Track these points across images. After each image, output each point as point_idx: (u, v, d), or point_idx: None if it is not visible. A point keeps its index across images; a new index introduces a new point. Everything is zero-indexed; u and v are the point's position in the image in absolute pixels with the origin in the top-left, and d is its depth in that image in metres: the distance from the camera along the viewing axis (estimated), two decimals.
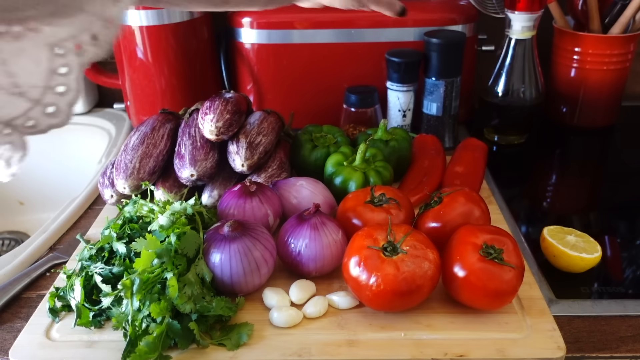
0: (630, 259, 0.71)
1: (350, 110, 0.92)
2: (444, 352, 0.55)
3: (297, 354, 0.55)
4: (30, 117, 0.38)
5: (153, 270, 0.56)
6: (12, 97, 0.37)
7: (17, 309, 0.65)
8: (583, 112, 1.03)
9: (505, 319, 0.58)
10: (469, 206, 0.65)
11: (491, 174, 0.90)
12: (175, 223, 0.62)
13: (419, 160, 0.85)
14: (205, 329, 0.57)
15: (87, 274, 0.60)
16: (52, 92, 0.38)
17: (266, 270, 0.62)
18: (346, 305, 0.60)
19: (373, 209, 0.66)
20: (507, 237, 0.59)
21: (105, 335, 0.58)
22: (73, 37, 0.38)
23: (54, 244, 0.76)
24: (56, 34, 0.37)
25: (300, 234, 0.63)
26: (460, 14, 0.96)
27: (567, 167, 0.99)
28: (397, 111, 0.94)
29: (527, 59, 0.95)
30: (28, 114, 0.38)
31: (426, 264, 0.56)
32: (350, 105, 0.92)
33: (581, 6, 1.00)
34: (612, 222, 0.81)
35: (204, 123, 0.73)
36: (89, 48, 0.39)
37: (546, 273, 0.68)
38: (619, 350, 0.57)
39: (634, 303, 0.63)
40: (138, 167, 0.74)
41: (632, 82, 1.16)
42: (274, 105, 0.97)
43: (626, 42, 0.97)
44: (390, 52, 0.91)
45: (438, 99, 0.92)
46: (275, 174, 0.78)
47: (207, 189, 0.77)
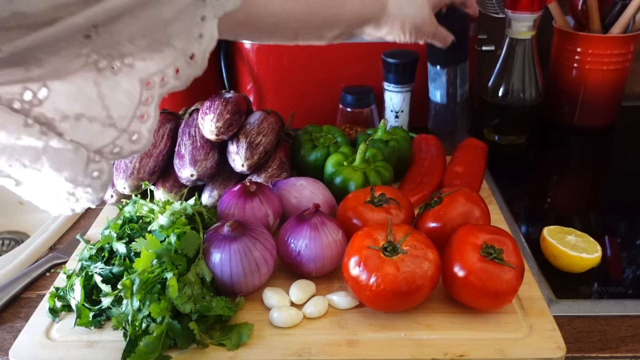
0: (630, 259, 0.71)
1: (346, 110, 0.92)
2: (444, 352, 0.55)
3: (297, 354, 0.55)
4: (117, 144, 0.41)
5: (153, 270, 0.56)
6: (105, 128, 0.40)
7: (17, 309, 0.65)
8: (583, 112, 1.03)
9: (505, 319, 0.58)
10: (469, 206, 0.65)
11: (491, 174, 0.90)
12: (175, 223, 0.62)
13: (419, 160, 0.85)
14: (205, 329, 0.57)
15: (87, 274, 0.60)
16: (137, 120, 0.41)
17: (266, 270, 0.62)
18: (346, 305, 0.60)
19: (373, 209, 0.66)
20: (507, 237, 0.59)
21: (105, 335, 0.58)
22: (161, 71, 0.41)
23: (54, 244, 0.76)
24: (147, 69, 0.41)
25: (300, 234, 0.63)
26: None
27: (567, 167, 0.99)
28: (390, 112, 0.94)
29: (527, 59, 0.95)
30: (115, 142, 0.41)
31: (426, 264, 0.56)
32: (346, 106, 0.92)
33: (581, 6, 1.00)
34: (612, 222, 0.81)
35: (204, 123, 0.73)
36: (171, 81, 0.42)
37: (546, 273, 0.68)
38: (619, 350, 0.57)
39: (634, 303, 0.63)
40: (138, 167, 0.74)
41: (632, 82, 1.16)
42: (274, 105, 0.97)
43: (626, 42, 0.97)
44: (386, 53, 0.91)
45: (441, 87, 0.90)
46: (275, 174, 0.78)
47: (207, 189, 0.77)
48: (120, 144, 0.41)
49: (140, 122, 0.41)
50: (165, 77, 0.42)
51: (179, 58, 0.42)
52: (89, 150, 0.40)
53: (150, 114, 0.42)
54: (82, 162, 0.39)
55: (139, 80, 0.40)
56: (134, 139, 0.41)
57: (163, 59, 0.41)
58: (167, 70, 0.42)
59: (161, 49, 0.41)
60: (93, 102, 0.39)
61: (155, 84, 0.41)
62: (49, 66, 0.36)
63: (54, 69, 0.36)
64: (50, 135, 0.38)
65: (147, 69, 0.41)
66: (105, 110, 0.39)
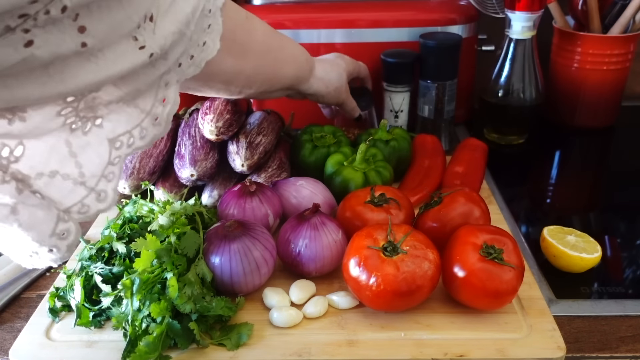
0: (630, 259, 0.71)
1: (342, 116, 0.92)
2: (444, 352, 0.55)
3: (297, 354, 0.55)
4: (85, 203, 0.42)
5: (153, 270, 0.56)
6: (76, 186, 0.41)
7: (17, 309, 0.65)
8: (583, 112, 1.03)
9: (505, 319, 0.58)
10: (469, 206, 0.65)
11: (491, 174, 0.90)
12: (175, 223, 0.62)
13: (419, 160, 0.85)
14: (205, 329, 0.57)
15: (87, 274, 0.60)
16: (105, 180, 0.42)
17: (266, 270, 0.62)
18: (346, 305, 0.60)
19: (373, 209, 0.66)
20: (507, 237, 0.59)
21: (105, 335, 0.58)
22: (128, 132, 0.43)
23: None
24: (115, 130, 0.42)
25: (300, 234, 0.63)
26: (460, 14, 0.96)
27: (567, 167, 0.99)
28: (390, 111, 0.94)
29: (527, 59, 0.95)
30: (84, 200, 0.42)
31: (426, 264, 0.56)
32: None
33: (581, 6, 1.00)
34: (612, 222, 0.81)
35: (204, 123, 0.73)
36: (137, 142, 0.44)
37: (546, 273, 0.68)
38: (619, 350, 0.57)
39: (634, 303, 0.63)
40: (138, 167, 0.74)
41: (632, 82, 1.16)
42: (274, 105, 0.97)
43: (626, 42, 0.97)
44: (385, 53, 0.91)
45: (430, 102, 0.92)
46: (275, 174, 0.78)
47: (207, 189, 0.77)
48: (88, 202, 0.42)
49: (107, 181, 0.42)
50: (132, 138, 0.43)
51: (145, 120, 0.44)
52: (58, 208, 0.40)
53: (115, 173, 0.43)
54: (52, 221, 0.40)
55: (108, 140, 0.42)
56: (100, 198, 0.42)
57: (130, 121, 0.43)
58: (134, 131, 0.43)
59: (129, 112, 0.43)
60: (66, 159, 0.40)
61: (123, 144, 0.43)
62: (31, 123, 0.37)
63: (35, 127, 0.37)
64: (26, 193, 0.38)
65: (115, 130, 0.42)
66: (78, 168, 0.40)
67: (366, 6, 0.96)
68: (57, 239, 0.41)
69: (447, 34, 0.93)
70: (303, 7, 0.97)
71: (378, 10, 0.95)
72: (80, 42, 0.34)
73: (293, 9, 0.96)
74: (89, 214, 0.42)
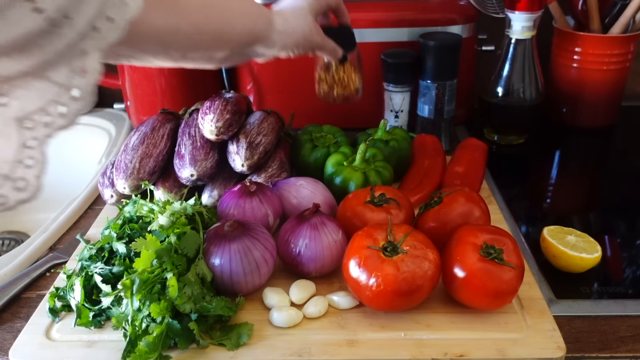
0: (630, 259, 0.71)
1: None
2: (444, 352, 0.55)
3: (297, 354, 0.55)
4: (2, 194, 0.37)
5: (153, 270, 0.56)
6: None
7: (17, 309, 0.65)
8: (583, 112, 1.03)
9: (505, 319, 0.58)
10: (469, 206, 0.65)
11: (491, 174, 0.90)
12: (175, 223, 0.62)
13: (419, 160, 0.85)
14: (205, 329, 0.57)
15: (87, 274, 0.60)
16: (22, 165, 0.37)
17: (266, 270, 0.62)
18: (346, 305, 0.60)
19: (373, 209, 0.66)
20: (507, 237, 0.59)
21: (105, 335, 0.58)
22: (41, 109, 0.38)
23: (54, 244, 0.76)
24: (25, 107, 0.37)
25: (300, 234, 0.63)
26: (460, 14, 0.96)
27: (567, 167, 0.99)
28: (390, 111, 0.94)
29: (527, 59, 0.95)
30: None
31: (426, 264, 0.56)
32: None
33: (581, 6, 1.00)
34: (612, 222, 0.81)
35: (204, 123, 0.73)
36: (57, 120, 0.39)
37: (546, 273, 0.68)
38: (619, 350, 0.57)
39: (634, 303, 0.63)
40: (138, 167, 0.74)
41: (632, 82, 1.16)
42: (274, 105, 0.97)
43: (626, 42, 0.97)
44: (385, 53, 0.91)
45: (430, 102, 0.92)
46: (275, 174, 0.78)
47: (207, 189, 0.77)
48: (4, 192, 0.37)
49: (26, 168, 0.38)
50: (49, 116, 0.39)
51: (61, 95, 0.39)
52: None
53: (37, 157, 0.38)
54: None
55: (16, 120, 0.37)
56: (19, 186, 0.38)
57: (42, 96, 0.38)
58: (50, 108, 0.39)
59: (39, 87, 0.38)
60: None
61: (38, 123, 0.38)
62: None
63: None
64: None
65: (24, 108, 0.37)
66: None
67: (366, 6, 0.96)
68: None
69: (447, 34, 0.93)
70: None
71: (378, 10, 0.95)
72: None
73: None
74: (9, 204, 0.38)
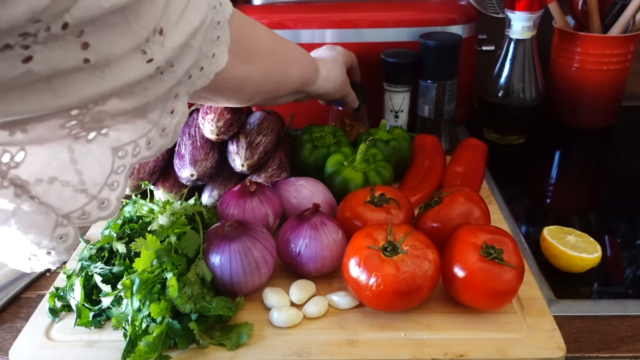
0: (630, 259, 0.71)
1: (336, 108, 0.92)
2: (444, 352, 0.55)
3: (297, 354, 0.55)
4: (86, 210, 0.42)
5: (153, 270, 0.56)
6: (77, 193, 0.40)
7: (17, 309, 0.65)
8: (583, 112, 1.03)
9: (505, 319, 0.58)
10: (469, 206, 0.65)
11: (491, 174, 0.90)
12: (175, 223, 0.62)
13: (419, 160, 0.85)
14: (205, 329, 0.57)
15: (87, 274, 0.60)
16: (108, 188, 0.42)
17: (266, 270, 0.62)
18: (346, 305, 0.60)
19: (373, 209, 0.66)
20: (507, 237, 0.59)
21: (105, 335, 0.58)
22: (134, 142, 0.43)
23: None
24: (120, 139, 0.42)
25: (300, 234, 0.63)
26: (460, 14, 0.96)
27: (567, 167, 0.99)
28: (390, 111, 0.94)
29: (527, 59, 0.95)
30: (85, 207, 0.41)
31: (426, 264, 0.56)
32: (336, 104, 0.91)
33: (581, 6, 1.00)
34: (612, 222, 0.81)
35: (204, 123, 0.73)
36: (143, 152, 0.44)
37: (546, 273, 0.68)
38: (619, 350, 0.57)
39: (634, 303, 0.63)
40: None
41: (632, 82, 1.16)
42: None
43: (626, 42, 0.97)
44: (385, 53, 0.91)
45: (430, 102, 0.92)
46: (275, 174, 0.78)
47: (207, 189, 0.77)
48: (89, 210, 0.42)
49: (111, 190, 0.42)
50: (138, 148, 0.43)
51: (152, 130, 0.44)
52: (57, 214, 0.40)
53: (120, 182, 0.43)
54: (50, 226, 0.40)
55: (112, 149, 0.41)
56: (103, 206, 0.42)
57: (136, 131, 0.42)
58: (140, 141, 0.43)
59: (136, 122, 0.42)
60: (66, 166, 0.39)
61: (127, 153, 0.42)
62: (34, 134, 0.37)
63: (37, 137, 0.37)
64: (24, 198, 0.38)
65: (120, 139, 0.42)
66: (78, 175, 0.40)
67: (366, 6, 0.96)
68: (55, 242, 0.41)
69: (447, 34, 0.93)
70: (303, 7, 0.97)
71: (378, 10, 0.95)
72: (83, 59, 0.34)
73: (293, 9, 0.96)
74: (90, 220, 0.42)
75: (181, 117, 0.46)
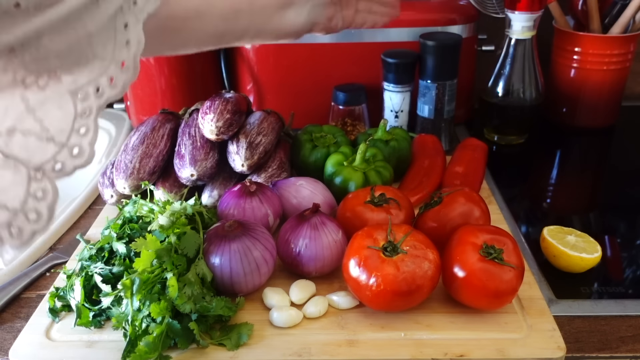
0: (630, 259, 0.71)
1: (338, 107, 0.93)
2: (444, 352, 0.55)
3: (297, 354, 0.55)
4: (58, 160, 0.40)
5: (153, 270, 0.56)
6: (43, 142, 0.39)
7: (17, 309, 0.65)
8: (583, 112, 1.03)
9: (505, 319, 0.58)
10: (469, 206, 0.65)
11: (491, 174, 0.90)
12: (175, 223, 0.62)
13: (419, 160, 0.85)
14: (205, 329, 0.57)
15: (87, 274, 0.60)
16: (77, 134, 0.41)
17: (266, 270, 0.62)
18: (346, 305, 0.60)
19: (373, 209, 0.66)
20: (507, 237, 0.59)
21: (105, 335, 0.58)
22: (92, 81, 0.41)
23: (54, 244, 0.76)
24: (76, 81, 0.40)
25: (300, 234, 0.63)
26: (459, 14, 0.96)
27: (567, 167, 0.99)
28: (390, 111, 0.94)
29: (527, 59, 0.95)
30: (56, 157, 0.40)
31: (426, 264, 0.56)
32: (338, 103, 0.92)
33: (581, 6, 1.00)
34: (612, 222, 0.81)
35: (204, 123, 0.73)
36: (107, 90, 0.42)
37: (546, 273, 0.68)
38: (619, 350, 0.57)
39: (634, 303, 0.63)
40: (138, 167, 0.74)
41: (632, 82, 1.16)
42: (274, 105, 0.97)
43: (626, 42, 0.97)
44: (385, 53, 0.91)
45: (430, 102, 0.92)
46: (275, 174, 0.78)
47: (207, 189, 0.77)
48: (62, 159, 0.40)
49: (80, 136, 0.41)
50: (99, 87, 0.42)
51: (109, 67, 0.42)
52: (28, 167, 0.39)
53: (90, 126, 0.41)
54: (23, 182, 0.38)
55: (69, 92, 0.40)
56: (75, 153, 0.41)
57: (92, 70, 0.41)
58: (100, 80, 0.42)
59: (88, 61, 0.41)
60: (23, 115, 0.38)
61: (89, 94, 0.41)
62: None
63: None
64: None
65: (76, 82, 0.40)
66: (38, 123, 0.39)
67: None
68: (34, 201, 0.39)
69: (447, 34, 0.93)
70: None
71: None
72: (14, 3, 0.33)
73: None
74: (66, 170, 0.40)
75: (138, 47, 0.45)
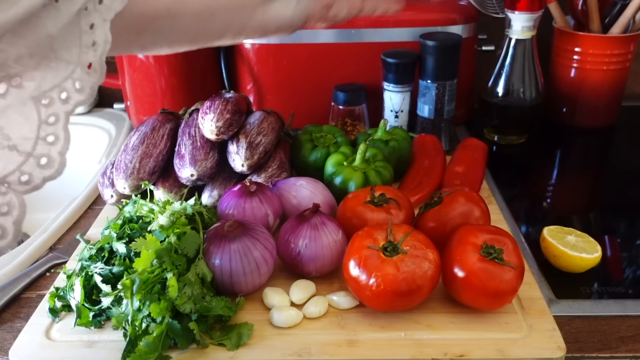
0: (630, 259, 0.71)
1: (338, 107, 0.93)
2: (444, 352, 0.55)
3: (297, 354, 0.55)
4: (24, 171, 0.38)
5: (153, 270, 0.56)
6: (5, 151, 0.37)
7: (17, 309, 0.65)
8: (583, 112, 1.03)
9: (505, 319, 0.58)
10: (469, 206, 0.65)
11: (491, 174, 0.90)
12: (175, 223, 0.62)
13: (419, 160, 0.85)
14: (205, 329, 0.57)
15: (87, 274, 0.60)
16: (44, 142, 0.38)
17: (266, 270, 0.62)
18: (346, 305, 0.60)
19: (373, 209, 0.66)
20: (507, 237, 0.59)
21: (105, 335, 0.58)
22: (57, 86, 0.39)
23: (54, 244, 0.76)
24: (40, 87, 0.38)
25: (300, 234, 0.63)
26: (460, 14, 0.96)
27: (567, 167, 0.99)
28: (390, 111, 0.94)
29: (527, 59, 0.95)
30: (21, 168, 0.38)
31: (426, 264, 0.56)
32: (338, 103, 0.92)
33: (581, 6, 1.00)
34: (612, 222, 0.81)
35: (204, 123, 0.73)
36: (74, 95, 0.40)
37: (546, 273, 0.68)
38: (619, 350, 0.57)
39: (634, 303, 0.63)
40: (138, 167, 0.74)
41: (632, 82, 1.16)
42: (274, 105, 0.97)
43: (626, 42, 0.97)
44: (385, 53, 0.91)
45: (430, 102, 0.92)
46: (275, 174, 0.78)
47: (207, 189, 0.77)
48: (28, 170, 0.38)
49: (48, 145, 0.38)
50: (66, 92, 0.39)
51: (75, 70, 0.40)
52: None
53: (58, 134, 0.39)
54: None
55: (32, 99, 0.38)
56: (43, 164, 0.38)
57: (57, 75, 0.39)
58: (65, 84, 0.40)
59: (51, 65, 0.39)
60: None
61: (54, 100, 0.39)
62: None
63: None
64: None
65: (40, 87, 0.38)
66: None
67: None
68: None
69: (447, 34, 0.93)
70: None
71: None
72: None
73: None
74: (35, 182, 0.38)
75: (104, 47, 0.42)
